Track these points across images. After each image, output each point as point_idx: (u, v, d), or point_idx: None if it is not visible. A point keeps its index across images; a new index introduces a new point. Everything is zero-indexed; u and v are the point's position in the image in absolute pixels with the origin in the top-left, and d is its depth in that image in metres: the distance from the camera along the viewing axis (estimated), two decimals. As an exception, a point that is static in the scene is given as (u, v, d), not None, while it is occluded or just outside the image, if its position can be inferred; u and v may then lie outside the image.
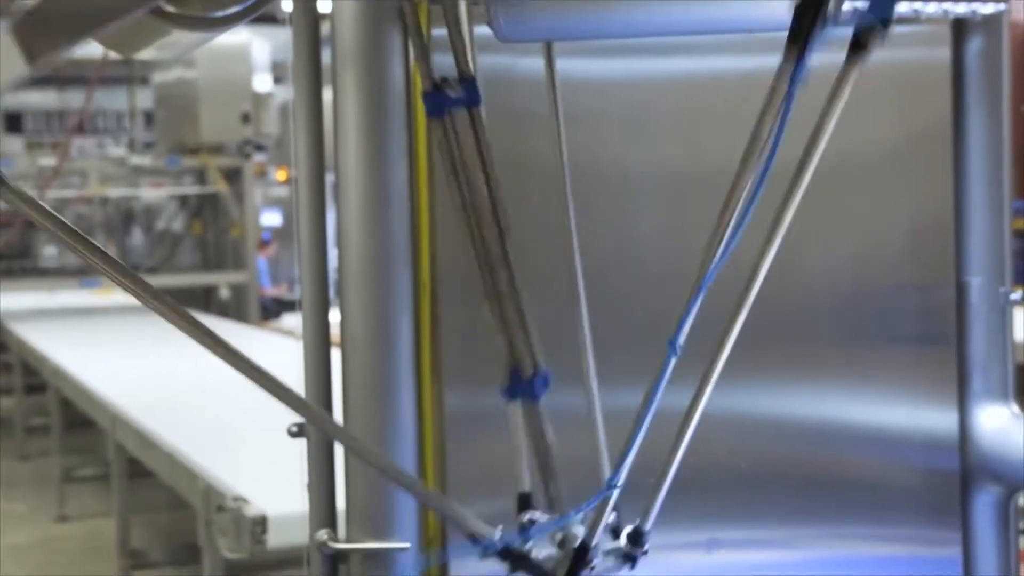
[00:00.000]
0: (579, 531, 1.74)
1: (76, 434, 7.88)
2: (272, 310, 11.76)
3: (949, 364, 2.32)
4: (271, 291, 13.00)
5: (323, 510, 2.03)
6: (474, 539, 1.70)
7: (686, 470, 1.72)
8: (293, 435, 2.07)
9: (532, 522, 1.77)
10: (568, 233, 1.88)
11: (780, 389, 2.26)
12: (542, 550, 1.75)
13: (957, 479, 2.32)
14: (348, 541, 2.01)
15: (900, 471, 2.33)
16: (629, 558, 1.80)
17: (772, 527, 2.27)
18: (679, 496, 1.73)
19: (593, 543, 1.72)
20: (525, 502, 1.79)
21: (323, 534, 2.02)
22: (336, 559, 2.03)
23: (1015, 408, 2.33)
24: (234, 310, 10.63)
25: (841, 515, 2.29)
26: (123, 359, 6.82)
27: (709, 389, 1.68)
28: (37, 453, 8.82)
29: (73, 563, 6.52)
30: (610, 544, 1.80)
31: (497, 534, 1.71)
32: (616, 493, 1.71)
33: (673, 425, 1.71)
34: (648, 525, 1.80)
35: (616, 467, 1.69)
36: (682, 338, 1.61)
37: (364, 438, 2.02)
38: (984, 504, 2.32)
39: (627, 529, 1.81)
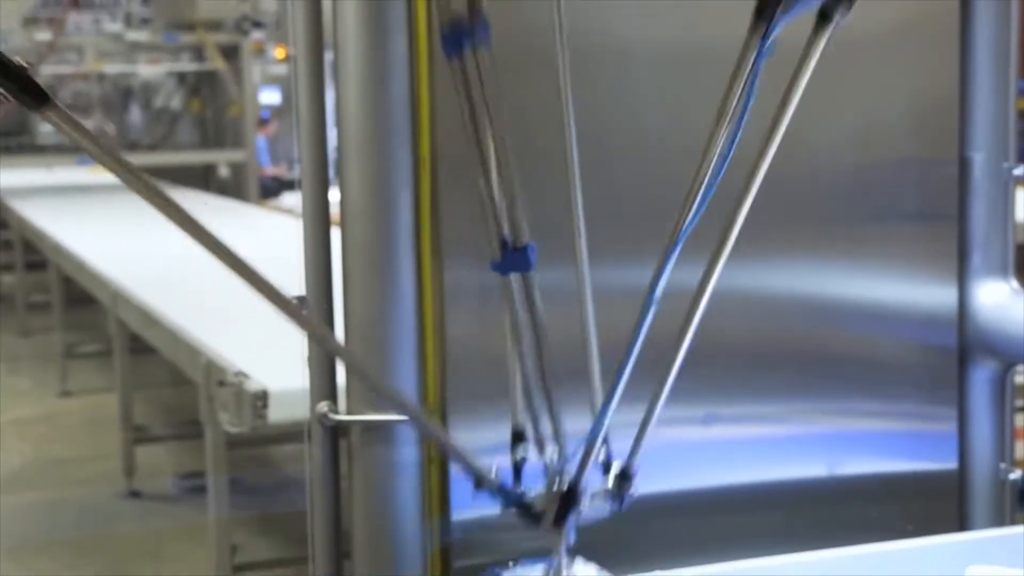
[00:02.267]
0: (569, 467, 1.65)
1: (77, 311, 7.90)
2: (271, 189, 11.72)
3: (950, 240, 2.32)
4: (270, 170, 12.95)
5: (323, 383, 2.05)
6: (472, 476, 1.63)
7: (685, 345, 1.70)
8: (293, 309, 2.08)
9: (524, 460, 1.71)
10: (565, 109, 1.82)
11: (780, 265, 2.26)
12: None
13: (955, 355, 2.33)
14: (348, 414, 2.03)
15: (898, 347, 2.33)
16: (617, 498, 1.70)
17: (770, 402, 2.28)
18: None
19: (581, 484, 1.62)
20: (518, 438, 1.73)
21: (324, 406, 2.03)
22: (336, 432, 2.05)
23: (1014, 283, 2.33)
24: (233, 189, 10.61)
25: (839, 391, 2.30)
26: (123, 236, 6.81)
27: (705, 300, 1.57)
28: (39, 329, 8.85)
29: (76, 437, 6.58)
30: (598, 485, 1.69)
31: (493, 471, 1.64)
32: (605, 429, 1.61)
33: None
34: (636, 462, 1.69)
35: (606, 398, 1.59)
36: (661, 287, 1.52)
37: (364, 316, 2.02)
38: (981, 379, 2.34)
39: (615, 468, 1.70)
